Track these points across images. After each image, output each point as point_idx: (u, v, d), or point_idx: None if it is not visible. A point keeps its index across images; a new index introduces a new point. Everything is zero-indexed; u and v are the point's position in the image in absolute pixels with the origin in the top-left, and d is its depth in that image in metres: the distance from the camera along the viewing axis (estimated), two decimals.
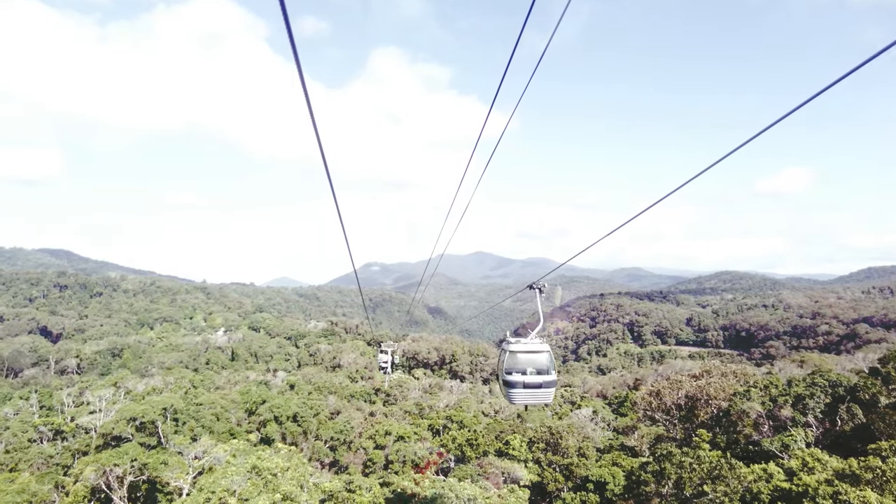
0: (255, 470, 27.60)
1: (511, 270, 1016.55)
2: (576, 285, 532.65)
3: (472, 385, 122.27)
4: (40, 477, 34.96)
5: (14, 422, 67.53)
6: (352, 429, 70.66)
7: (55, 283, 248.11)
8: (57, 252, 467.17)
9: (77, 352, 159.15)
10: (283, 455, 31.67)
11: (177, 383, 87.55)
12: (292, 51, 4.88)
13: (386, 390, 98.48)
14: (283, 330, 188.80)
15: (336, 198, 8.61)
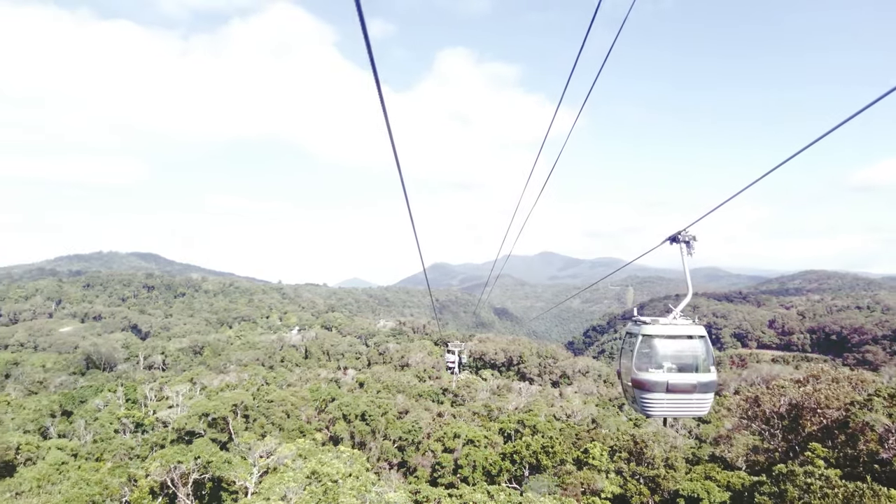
0: (314, 475, 26.41)
1: (579, 271, 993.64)
2: (649, 286, 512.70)
3: (542, 387, 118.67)
4: (112, 469, 35.61)
5: (103, 413, 70.82)
6: (420, 429, 69.31)
7: (144, 284, 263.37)
8: (146, 255, 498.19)
9: (162, 349, 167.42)
10: (346, 459, 30.41)
11: (250, 380, 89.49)
12: (370, 60, 4.86)
13: (454, 390, 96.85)
14: (354, 329, 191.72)
15: (408, 200, 8.54)
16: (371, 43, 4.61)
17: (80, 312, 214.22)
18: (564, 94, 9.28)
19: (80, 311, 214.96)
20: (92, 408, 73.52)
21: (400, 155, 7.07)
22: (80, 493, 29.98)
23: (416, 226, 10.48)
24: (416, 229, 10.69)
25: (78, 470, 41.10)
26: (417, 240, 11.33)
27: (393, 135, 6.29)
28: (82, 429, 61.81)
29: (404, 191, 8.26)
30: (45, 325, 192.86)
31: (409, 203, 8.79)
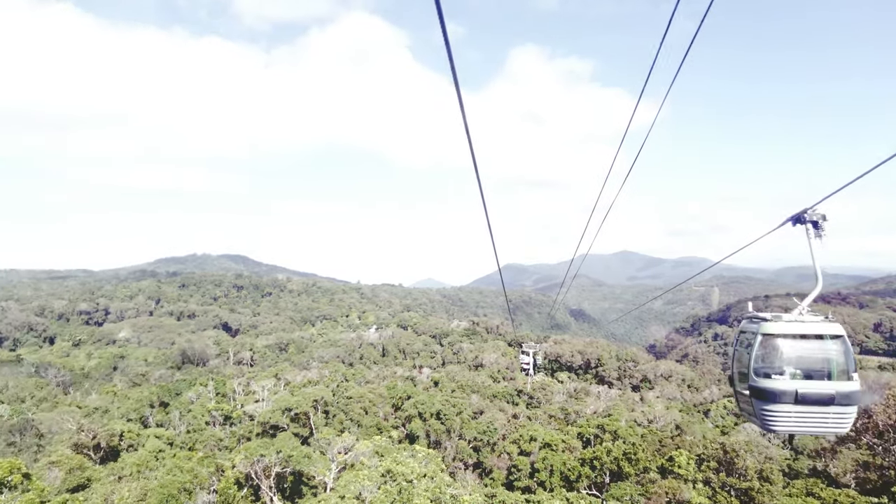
0: (389, 474, 26.51)
1: (661, 271, 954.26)
2: (735, 287, 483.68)
3: (621, 392, 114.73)
4: (201, 459, 37.58)
5: (195, 405, 75.18)
6: (495, 430, 68.68)
7: (234, 284, 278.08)
8: (236, 257, 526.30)
9: (251, 345, 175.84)
10: (421, 459, 30.37)
11: (330, 376, 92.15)
12: (450, 64, 4.93)
13: (529, 392, 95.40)
14: (429, 328, 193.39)
15: (485, 201, 8.58)
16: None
17: (177, 311, 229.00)
18: (646, 86, 8.93)
19: (177, 310, 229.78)
20: (186, 400, 78.17)
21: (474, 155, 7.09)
22: (174, 480, 31.83)
23: (491, 226, 10.48)
24: (492, 229, 10.65)
25: (173, 458, 43.62)
26: (493, 240, 11.29)
27: (471, 136, 6.28)
28: (177, 419, 65.86)
29: (481, 191, 8.26)
30: (146, 323, 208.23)
31: (486, 203, 8.78)
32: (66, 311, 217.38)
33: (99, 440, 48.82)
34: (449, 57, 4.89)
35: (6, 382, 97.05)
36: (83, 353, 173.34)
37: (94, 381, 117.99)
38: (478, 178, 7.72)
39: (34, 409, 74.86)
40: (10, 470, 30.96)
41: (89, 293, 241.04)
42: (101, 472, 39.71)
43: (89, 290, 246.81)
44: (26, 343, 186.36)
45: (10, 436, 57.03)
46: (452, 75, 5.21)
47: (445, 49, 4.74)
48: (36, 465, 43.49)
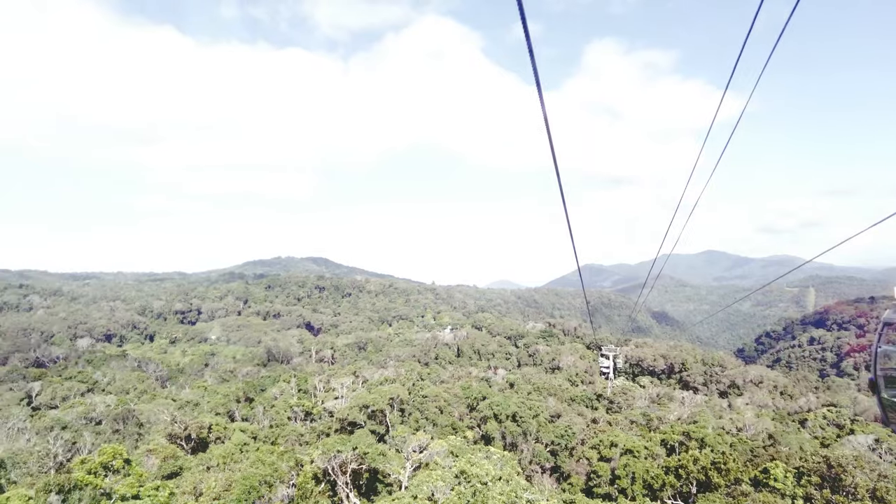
0: (463, 475, 26.00)
1: (749, 271, 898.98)
2: (834, 287, 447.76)
3: (707, 397, 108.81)
4: (281, 454, 38.78)
5: (279, 401, 78.18)
6: (573, 434, 66.83)
7: (316, 285, 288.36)
8: (318, 259, 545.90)
9: (331, 344, 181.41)
10: (496, 461, 29.67)
11: (406, 375, 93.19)
12: (531, 64, 4.98)
13: (609, 396, 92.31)
14: (504, 329, 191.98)
15: (564, 199, 8.43)
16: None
17: (263, 311, 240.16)
18: (732, 76, 8.65)
19: (263, 310, 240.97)
20: (270, 396, 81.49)
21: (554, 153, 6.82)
22: (256, 473, 32.97)
23: (571, 224, 10.32)
24: (572, 228, 10.48)
25: (256, 451, 45.25)
26: (573, 239, 11.10)
27: (552, 134, 6.24)
28: (261, 414, 68.66)
29: (560, 190, 8.10)
30: (235, 322, 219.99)
31: (565, 202, 8.68)
32: (163, 310, 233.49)
33: (190, 432, 51.76)
34: (531, 57, 4.92)
35: (114, 375, 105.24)
36: (178, 350, 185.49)
37: (188, 377, 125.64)
38: (558, 177, 7.55)
39: (136, 400, 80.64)
40: (114, 455, 33.22)
41: (184, 294, 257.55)
42: (192, 462, 41.95)
43: (184, 292, 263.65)
44: (130, 340, 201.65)
45: (115, 424, 61.71)
46: (534, 75, 5.18)
47: (528, 49, 4.79)
48: (136, 451, 46.72)
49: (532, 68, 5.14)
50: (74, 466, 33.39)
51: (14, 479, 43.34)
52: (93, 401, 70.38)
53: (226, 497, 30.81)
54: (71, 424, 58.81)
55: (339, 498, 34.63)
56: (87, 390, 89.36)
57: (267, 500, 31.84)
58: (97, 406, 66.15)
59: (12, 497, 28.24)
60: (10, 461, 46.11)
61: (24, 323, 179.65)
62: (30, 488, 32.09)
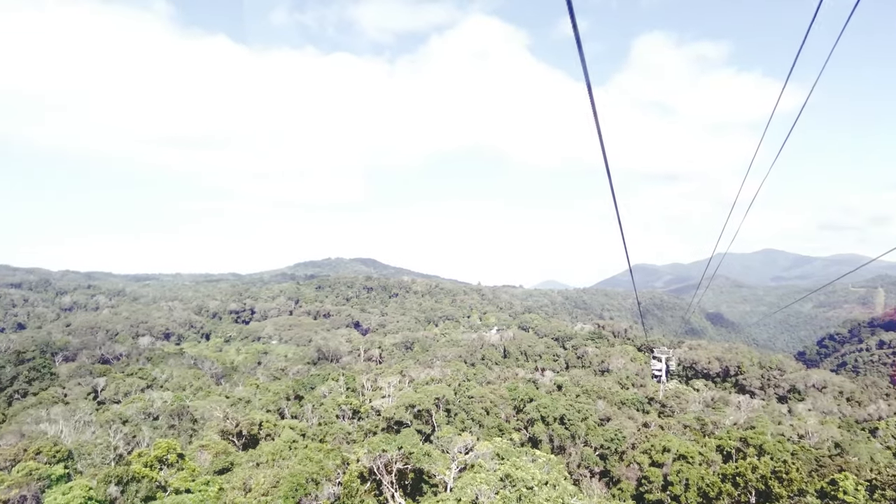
0: (508, 479, 25.44)
1: (811, 270, 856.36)
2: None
3: (765, 402, 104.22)
4: (327, 452, 39.15)
5: (327, 399, 79.38)
6: (623, 438, 65.11)
7: (364, 285, 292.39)
8: (366, 261, 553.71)
9: (379, 343, 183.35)
10: (542, 464, 28.93)
11: (452, 375, 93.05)
12: (581, 62, 4.95)
13: (661, 400, 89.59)
14: (551, 331, 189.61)
15: (615, 198, 8.33)
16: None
17: (313, 311, 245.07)
18: (793, 69, 8.42)
19: (313, 310, 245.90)
20: (319, 394, 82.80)
21: (605, 151, 6.69)
22: (303, 470, 33.38)
23: (614, 224, 10.30)
24: (623, 227, 10.42)
25: (305, 448, 45.93)
26: (624, 238, 10.97)
27: (601, 131, 6.15)
28: (310, 412, 69.81)
29: (611, 188, 7.97)
30: (286, 321, 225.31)
31: (616, 200, 8.53)
32: (219, 310, 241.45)
33: (241, 428, 53.08)
34: (580, 53, 4.82)
35: (171, 372, 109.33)
36: (233, 349, 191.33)
37: (241, 374, 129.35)
38: (608, 175, 7.45)
39: (191, 396, 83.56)
40: (168, 450, 34.35)
41: (238, 295, 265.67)
42: (242, 458, 42.96)
43: (238, 292, 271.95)
44: (188, 338, 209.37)
45: (170, 419, 64.04)
46: (584, 71, 5.12)
47: (576, 45, 4.70)
48: (189, 447, 48.29)
49: (581, 64, 5.06)
50: (132, 459, 34.73)
51: (80, 469, 45.57)
52: (151, 396, 73.31)
53: (273, 493, 31.33)
54: (131, 419, 61.44)
55: (385, 497, 34.69)
56: (146, 386, 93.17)
57: (314, 497, 32.18)
58: (155, 402, 68.85)
59: (75, 486, 29.58)
60: (77, 452, 48.48)
61: (91, 321, 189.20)
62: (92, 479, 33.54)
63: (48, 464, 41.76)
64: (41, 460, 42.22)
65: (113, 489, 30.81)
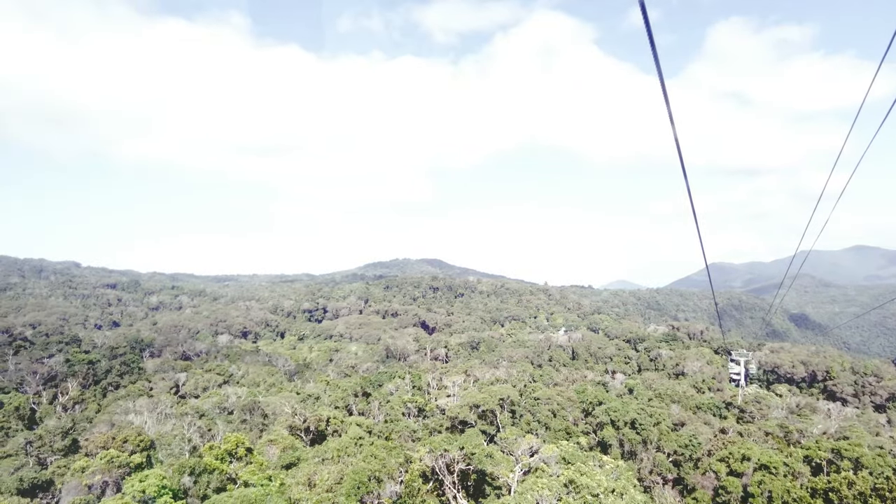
0: (572, 485, 24.34)
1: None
2: None
3: (860, 411, 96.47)
4: (390, 450, 39.22)
5: (394, 397, 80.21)
6: (699, 444, 61.92)
7: (430, 285, 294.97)
8: (432, 261, 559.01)
9: (445, 343, 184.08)
10: (609, 471, 27.55)
11: (518, 376, 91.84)
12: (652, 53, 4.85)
13: (739, 405, 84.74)
14: (622, 332, 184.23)
15: (691, 194, 8.19)
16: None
17: (382, 310, 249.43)
18: (888, 50, 7.97)
19: (382, 309, 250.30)
20: (386, 392, 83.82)
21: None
22: (366, 468, 33.59)
23: (688, 221, 9.53)
24: (699, 224, 10.17)
25: (370, 446, 46.37)
26: (700, 236, 10.69)
27: (675, 124, 5.97)
28: (376, 409, 70.66)
29: (686, 184, 7.78)
30: (357, 320, 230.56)
31: (692, 196, 8.32)
32: (293, 309, 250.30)
33: (308, 424, 54.38)
34: (651, 44, 4.73)
35: (247, 369, 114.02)
36: (306, 347, 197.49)
37: (313, 371, 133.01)
38: (683, 169, 7.23)
39: (265, 392, 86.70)
40: (237, 444, 35.56)
41: (311, 294, 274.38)
42: (309, 454, 43.86)
43: (311, 292, 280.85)
44: (264, 336, 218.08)
45: (242, 414, 66.70)
46: (655, 63, 4.97)
47: (648, 37, 4.61)
48: (259, 441, 49.97)
49: (652, 56, 4.92)
50: (204, 451, 36.21)
51: (161, 458, 48.18)
52: (227, 392, 76.57)
53: (337, 490, 31.68)
54: (207, 413, 64.43)
55: (447, 498, 34.36)
56: (223, 382, 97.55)
57: (376, 495, 32.31)
58: (230, 397, 71.89)
59: (150, 475, 31.11)
60: (159, 442, 51.29)
61: (175, 320, 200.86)
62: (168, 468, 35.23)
63: (133, 453, 44.35)
64: (127, 449, 44.95)
65: (186, 479, 32.27)
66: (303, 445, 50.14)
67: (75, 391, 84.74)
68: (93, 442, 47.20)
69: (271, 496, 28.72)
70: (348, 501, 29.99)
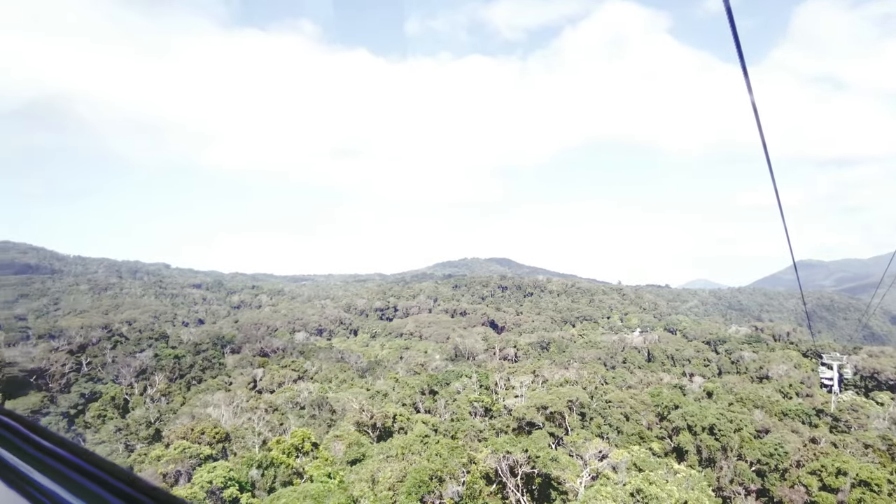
0: (639, 494, 22.83)
1: None
2: None
3: None
4: (452, 449, 38.78)
5: (461, 396, 79.97)
6: (786, 454, 57.66)
7: (498, 285, 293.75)
8: (501, 260, 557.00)
9: (514, 343, 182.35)
10: (681, 480, 25.70)
11: (588, 377, 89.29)
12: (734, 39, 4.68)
13: (832, 413, 78.41)
14: (701, 333, 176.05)
15: (776, 187, 7.87)
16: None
17: (451, 309, 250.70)
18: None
19: (451, 308, 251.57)
20: (453, 390, 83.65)
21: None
22: (427, 467, 33.35)
23: (784, 214, 9.51)
24: (785, 219, 9.64)
25: (436, 444, 46.23)
26: (787, 231, 10.15)
27: (758, 112, 5.79)
28: (443, 407, 70.66)
29: (771, 176, 7.43)
30: (426, 319, 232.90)
31: (777, 189, 7.96)
32: (365, 308, 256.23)
33: (375, 420, 55.03)
34: (732, 29, 4.60)
35: (321, 365, 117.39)
36: (378, 344, 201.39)
37: (384, 369, 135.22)
38: (768, 160, 6.99)
39: (336, 388, 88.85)
40: (303, 439, 36.31)
41: (382, 293, 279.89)
42: (374, 450, 44.28)
43: (382, 291, 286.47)
44: (338, 334, 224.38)
45: (312, 409, 68.51)
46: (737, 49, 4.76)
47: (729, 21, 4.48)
48: (326, 436, 51.03)
49: (734, 41, 4.72)
50: (272, 446, 37.24)
51: (235, 450, 50.19)
52: (299, 387, 78.94)
53: (398, 488, 31.62)
54: (280, 407, 66.64)
55: (511, 501, 33.52)
56: (298, 378, 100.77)
57: (437, 495, 31.97)
58: (302, 392, 74.02)
59: (218, 467, 32.24)
60: (233, 435, 53.45)
61: (254, 318, 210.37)
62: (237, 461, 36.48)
63: (209, 444, 46.41)
64: (203, 440, 47.11)
65: (254, 472, 33.30)
66: (369, 442, 50.74)
67: (163, 384, 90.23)
68: (174, 432, 49.88)
69: (333, 492, 29.02)
70: (408, 500, 29.83)
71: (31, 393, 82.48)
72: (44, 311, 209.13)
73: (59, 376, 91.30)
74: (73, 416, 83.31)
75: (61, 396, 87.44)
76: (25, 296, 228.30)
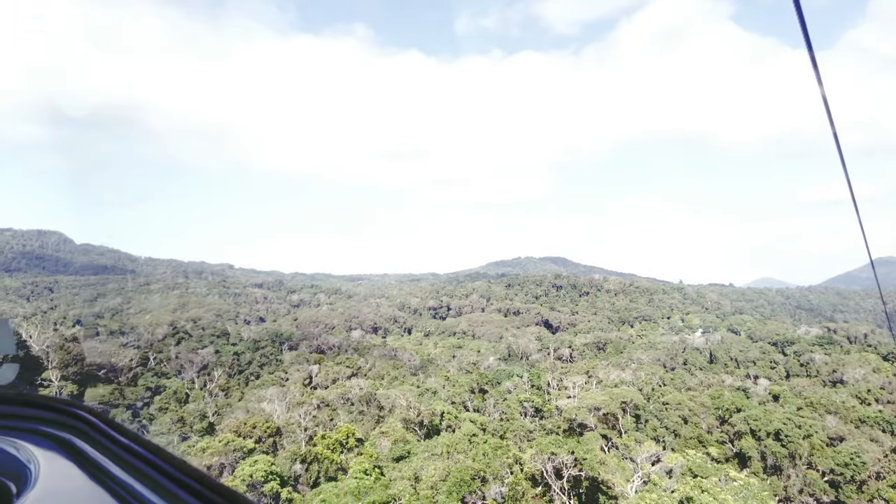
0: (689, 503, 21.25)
1: None
2: None
3: None
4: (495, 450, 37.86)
5: (511, 395, 78.83)
6: (863, 465, 53.63)
7: (553, 284, 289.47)
8: (555, 259, 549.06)
9: (569, 343, 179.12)
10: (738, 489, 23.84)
11: (645, 379, 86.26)
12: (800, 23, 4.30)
13: None
14: (767, 334, 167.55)
15: (849, 178, 7.33)
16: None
17: (504, 308, 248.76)
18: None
19: (504, 307, 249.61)
20: (503, 389, 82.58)
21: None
22: (471, 466, 32.65)
23: (859, 210, 8.55)
24: (860, 213, 8.75)
25: (483, 444, 45.47)
26: (862, 227, 9.29)
27: (828, 101, 5.40)
28: (492, 407, 69.74)
29: (843, 167, 6.98)
30: (479, 318, 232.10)
31: (850, 181, 7.42)
32: (419, 307, 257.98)
33: (422, 418, 54.79)
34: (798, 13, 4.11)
35: (374, 363, 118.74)
36: (431, 343, 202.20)
37: (436, 367, 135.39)
38: (840, 153, 6.58)
39: (387, 385, 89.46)
40: (347, 434, 36.36)
41: (436, 292, 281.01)
42: (419, 448, 43.96)
43: (436, 290, 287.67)
44: (392, 332, 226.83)
45: (360, 405, 69.06)
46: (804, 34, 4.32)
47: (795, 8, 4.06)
48: (372, 433, 51.16)
49: (801, 26, 4.24)
50: (317, 441, 37.49)
51: (285, 445, 51.12)
52: (350, 384, 79.92)
53: (440, 487, 31.09)
54: (331, 403, 67.53)
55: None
56: (351, 374, 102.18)
57: (480, 496, 31.22)
58: (353, 389, 74.83)
59: (259, 460, 32.66)
60: (285, 429, 54.47)
61: (313, 316, 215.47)
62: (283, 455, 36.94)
63: (259, 439, 47.48)
64: (255, 434, 48.23)
65: (298, 466, 33.63)
66: (416, 439, 50.52)
67: (222, 379, 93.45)
68: (228, 426, 51.31)
69: (374, 489, 28.83)
70: (449, 500, 29.22)
71: (100, 385, 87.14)
72: (118, 310, 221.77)
73: (126, 370, 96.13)
74: (140, 408, 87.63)
75: (128, 389, 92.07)
76: (103, 295, 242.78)
